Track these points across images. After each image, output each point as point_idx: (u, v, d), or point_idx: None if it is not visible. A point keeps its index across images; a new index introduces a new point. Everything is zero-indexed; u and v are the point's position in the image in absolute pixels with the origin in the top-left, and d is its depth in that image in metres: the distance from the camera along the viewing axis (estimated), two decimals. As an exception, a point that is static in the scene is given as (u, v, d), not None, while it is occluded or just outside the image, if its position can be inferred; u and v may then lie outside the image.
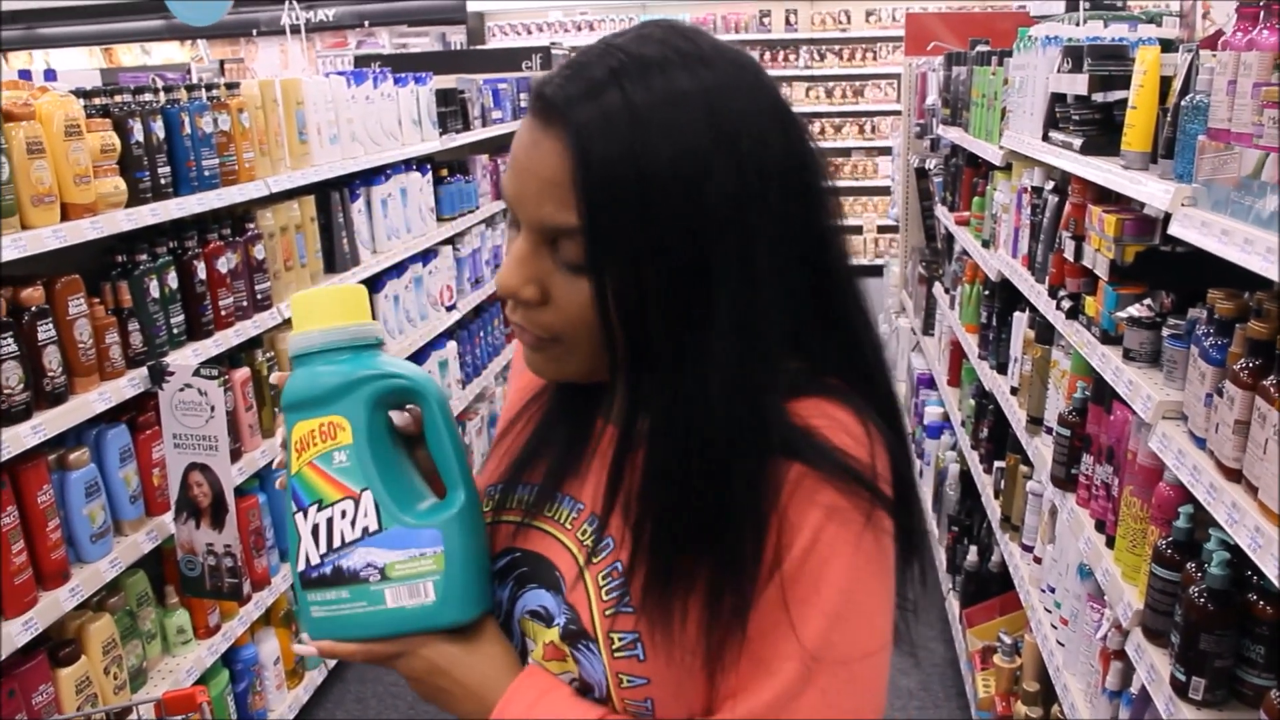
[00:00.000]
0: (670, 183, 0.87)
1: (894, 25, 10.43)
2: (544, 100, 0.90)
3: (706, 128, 0.88)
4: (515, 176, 0.94)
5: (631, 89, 0.88)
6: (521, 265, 0.94)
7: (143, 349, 2.68)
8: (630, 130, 0.87)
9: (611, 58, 0.90)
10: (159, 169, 2.75)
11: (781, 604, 0.91)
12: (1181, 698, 1.84)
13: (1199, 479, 1.78)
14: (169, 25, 11.59)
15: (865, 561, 0.93)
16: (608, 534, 1.01)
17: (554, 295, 0.95)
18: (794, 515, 0.92)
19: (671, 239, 0.88)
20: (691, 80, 0.89)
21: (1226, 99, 1.76)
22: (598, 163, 0.87)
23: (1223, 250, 1.69)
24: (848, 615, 0.92)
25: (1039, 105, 3.07)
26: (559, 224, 0.90)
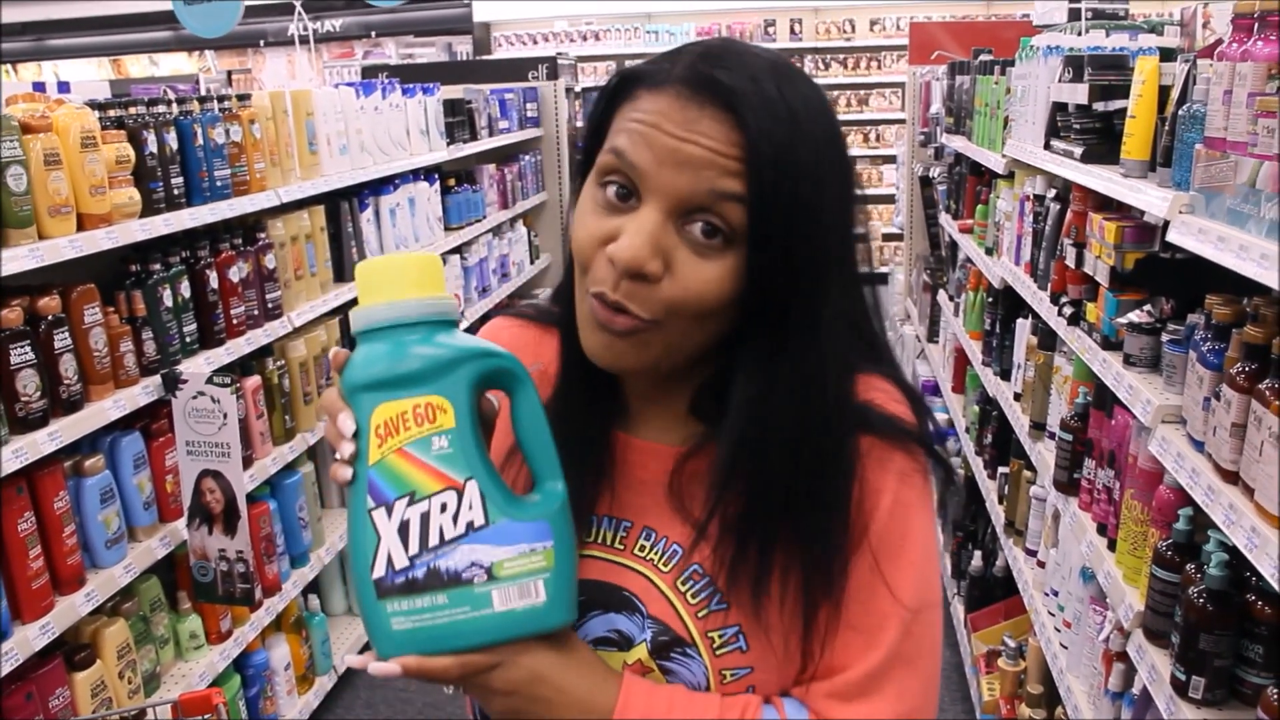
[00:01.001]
0: (811, 167, 0.94)
1: (898, 34, 10.47)
2: (705, 80, 0.94)
3: (829, 129, 0.98)
4: (667, 144, 0.93)
5: (780, 84, 0.94)
6: (651, 238, 0.94)
7: (156, 357, 2.72)
8: (788, 117, 0.93)
9: (751, 57, 0.96)
10: (172, 179, 2.79)
11: (872, 567, 1.00)
12: (1182, 697, 1.86)
13: (1197, 481, 1.81)
14: (177, 36, 11.67)
15: (930, 515, 1.05)
16: (672, 542, 1.05)
17: (675, 271, 0.95)
18: (873, 482, 1.01)
19: (815, 218, 0.95)
20: (812, 90, 0.98)
21: (1223, 108, 1.80)
22: (765, 140, 0.92)
23: (1219, 257, 1.72)
24: (927, 565, 1.04)
25: (1041, 114, 3.10)
26: (722, 189, 0.92)
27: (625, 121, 0.97)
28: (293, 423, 3.40)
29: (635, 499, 1.08)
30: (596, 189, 0.98)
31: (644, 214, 0.94)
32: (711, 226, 0.94)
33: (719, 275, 0.94)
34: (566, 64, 7.13)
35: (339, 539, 3.72)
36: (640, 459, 1.09)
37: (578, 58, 9.26)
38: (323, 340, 3.61)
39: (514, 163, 5.94)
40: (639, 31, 11.03)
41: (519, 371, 0.95)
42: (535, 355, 1.12)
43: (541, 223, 6.55)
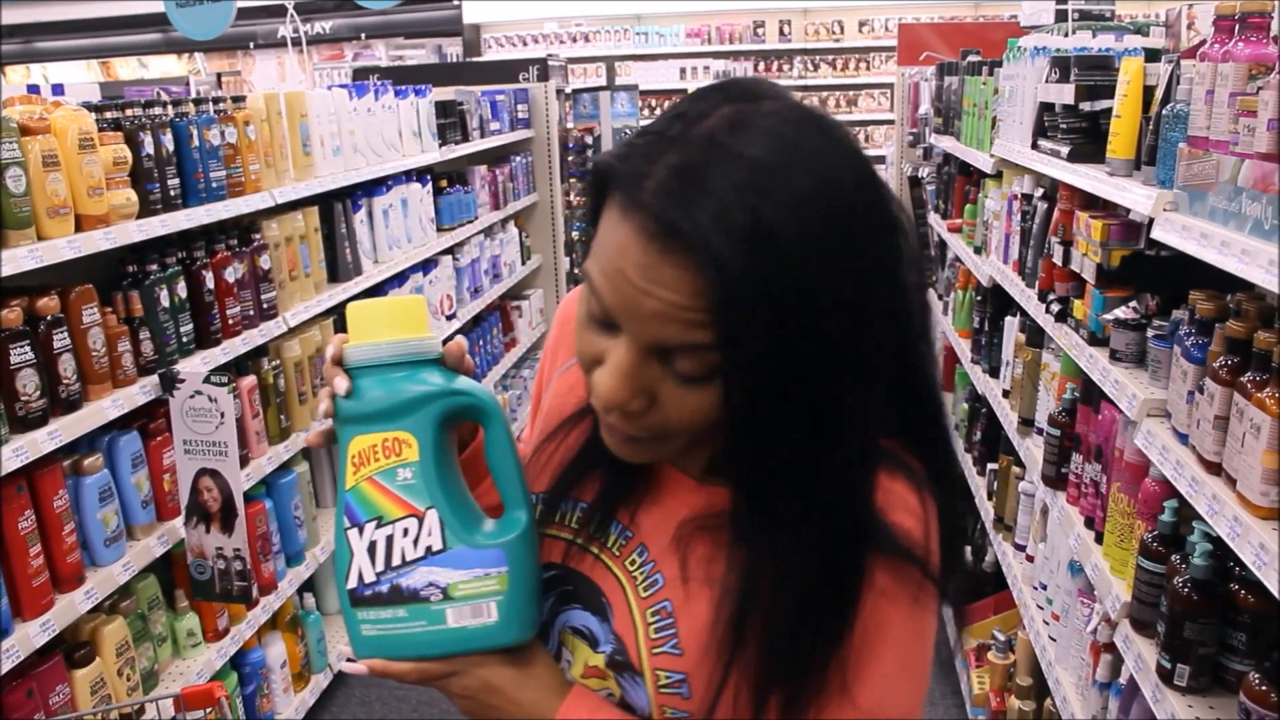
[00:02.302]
0: (799, 297, 0.85)
1: (887, 35, 10.52)
2: (665, 224, 0.84)
3: (826, 233, 0.85)
4: (628, 293, 0.87)
5: (757, 203, 0.83)
6: (629, 380, 0.90)
7: (154, 357, 2.74)
8: (761, 249, 0.83)
9: (729, 168, 0.84)
10: (169, 181, 2.81)
11: (838, 680, 0.97)
12: (1167, 685, 1.90)
13: (1181, 473, 1.85)
14: (166, 39, 11.66)
15: (912, 636, 1.00)
16: (659, 570, 1.05)
17: (662, 401, 0.92)
18: (876, 619, 0.97)
19: (803, 348, 0.86)
20: (807, 177, 0.85)
21: (1205, 108, 1.83)
22: (733, 286, 0.83)
23: (1202, 253, 1.76)
24: (898, 679, 0.99)
25: (1028, 114, 3.14)
26: (686, 342, 0.87)
27: (599, 243, 0.91)
28: (288, 422, 3.42)
29: (646, 514, 1.08)
30: (588, 294, 0.93)
31: (621, 351, 0.90)
32: (690, 363, 0.89)
33: (705, 402, 0.91)
34: (557, 65, 7.16)
35: (334, 538, 3.74)
36: (665, 480, 1.09)
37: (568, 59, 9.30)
38: (317, 340, 3.63)
39: (505, 164, 5.96)
40: (629, 33, 11.06)
41: (488, 407, 1.01)
42: None
43: (533, 223, 6.57)
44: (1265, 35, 1.76)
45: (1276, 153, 1.56)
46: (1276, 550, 1.51)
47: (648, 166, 0.87)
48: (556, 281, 6.74)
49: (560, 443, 1.13)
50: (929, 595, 1.00)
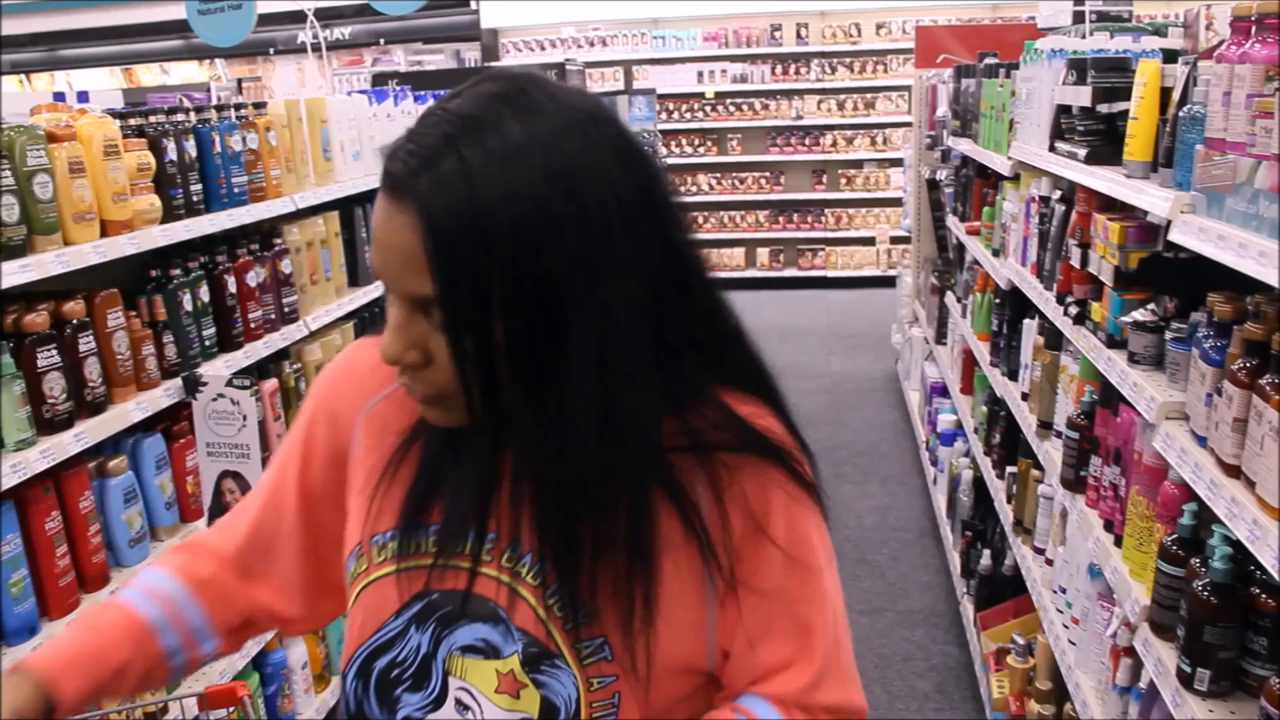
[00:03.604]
0: (513, 238, 0.93)
1: (904, 38, 10.50)
2: (390, 177, 0.95)
3: (543, 176, 0.93)
4: (378, 252, 0.98)
5: (466, 152, 0.93)
6: (400, 333, 0.99)
7: (177, 360, 2.77)
8: (469, 194, 0.92)
9: (444, 123, 0.95)
10: (192, 186, 2.84)
11: (788, 575, 1.08)
12: (1187, 689, 1.90)
13: (1200, 476, 1.85)
14: (188, 45, 11.73)
15: (819, 518, 1.11)
16: (538, 560, 1.06)
17: (435, 355, 1.00)
18: (761, 501, 1.07)
19: (522, 291, 0.95)
20: (524, 131, 0.94)
21: (1222, 109, 1.83)
22: (443, 232, 0.92)
23: (1219, 255, 1.76)
24: (830, 565, 1.12)
25: (1045, 116, 3.14)
26: (421, 294, 0.96)
27: None
28: (309, 425, 3.44)
29: (501, 513, 1.09)
30: None
31: (392, 311, 1.00)
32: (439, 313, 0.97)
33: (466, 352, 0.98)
34: (575, 70, 7.18)
35: (354, 540, 3.76)
36: (503, 470, 1.10)
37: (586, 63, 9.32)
38: (338, 344, 3.65)
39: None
40: (646, 37, 11.07)
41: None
42: (392, 372, 1.12)
43: (551, 228, 6.59)
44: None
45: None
46: (1295, 552, 1.51)
47: (398, 142, 0.98)
48: (575, 285, 6.74)
49: (393, 479, 1.15)
50: (807, 488, 1.10)
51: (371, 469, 1.17)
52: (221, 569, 1.26)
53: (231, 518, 1.30)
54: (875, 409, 7.04)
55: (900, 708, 3.76)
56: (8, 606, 2.21)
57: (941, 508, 4.95)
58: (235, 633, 1.27)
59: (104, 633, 1.18)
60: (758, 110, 11.07)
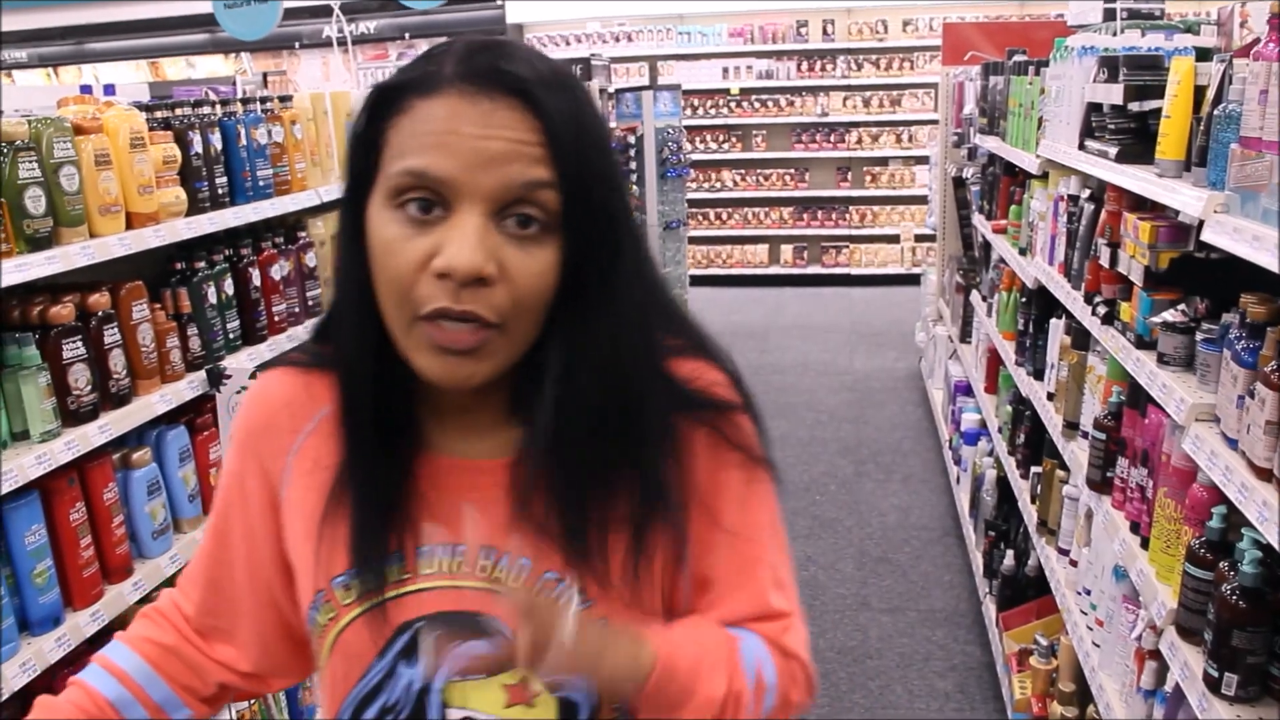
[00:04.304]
0: (597, 142, 0.99)
1: (931, 35, 10.44)
2: (488, 76, 0.95)
3: (594, 105, 1.02)
4: (469, 146, 0.93)
5: (542, 62, 0.98)
6: (480, 242, 0.93)
7: (201, 353, 2.78)
8: (566, 94, 0.97)
9: (506, 43, 1.00)
10: (217, 179, 2.84)
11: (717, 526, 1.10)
12: (1214, 694, 1.87)
13: (1231, 479, 1.82)
14: (213, 39, 11.79)
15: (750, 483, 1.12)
16: (519, 556, 1.03)
17: (507, 270, 0.95)
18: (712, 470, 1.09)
19: (609, 186, 1.00)
20: (567, 67, 1.03)
21: (1258, 108, 1.80)
22: (561, 120, 0.95)
23: (1254, 256, 1.73)
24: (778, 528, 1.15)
25: (1075, 114, 3.11)
26: (532, 179, 0.94)
27: (408, 137, 0.95)
28: (331, 419, 3.45)
29: (460, 525, 1.05)
30: (391, 211, 0.96)
31: (464, 220, 0.93)
32: (526, 217, 0.95)
33: (544, 263, 0.96)
34: (601, 65, 7.17)
35: None
36: (464, 479, 1.07)
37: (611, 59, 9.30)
38: (361, 338, 3.66)
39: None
40: (671, 32, 11.06)
41: None
42: (310, 402, 1.11)
43: (575, 223, 6.58)
44: (1320, 35, 1.73)
45: (1331, 154, 1.53)
46: (1328, 558, 1.49)
47: (433, 67, 0.97)
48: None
49: (337, 516, 1.08)
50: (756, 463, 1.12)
51: (309, 512, 1.10)
52: (182, 635, 1.21)
53: (188, 572, 1.25)
54: (898, 407, 7.01)
55: (921, 707, 3.74)
56: (32, 597, 2.22)
57: (964, 507, 4.92)
58: (211, 700, 1.20)
59: (62, 714, 1.13)
60: (783, 107, 11.03)
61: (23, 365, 2.20)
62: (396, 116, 0.96)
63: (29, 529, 2.21)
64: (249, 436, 1.17)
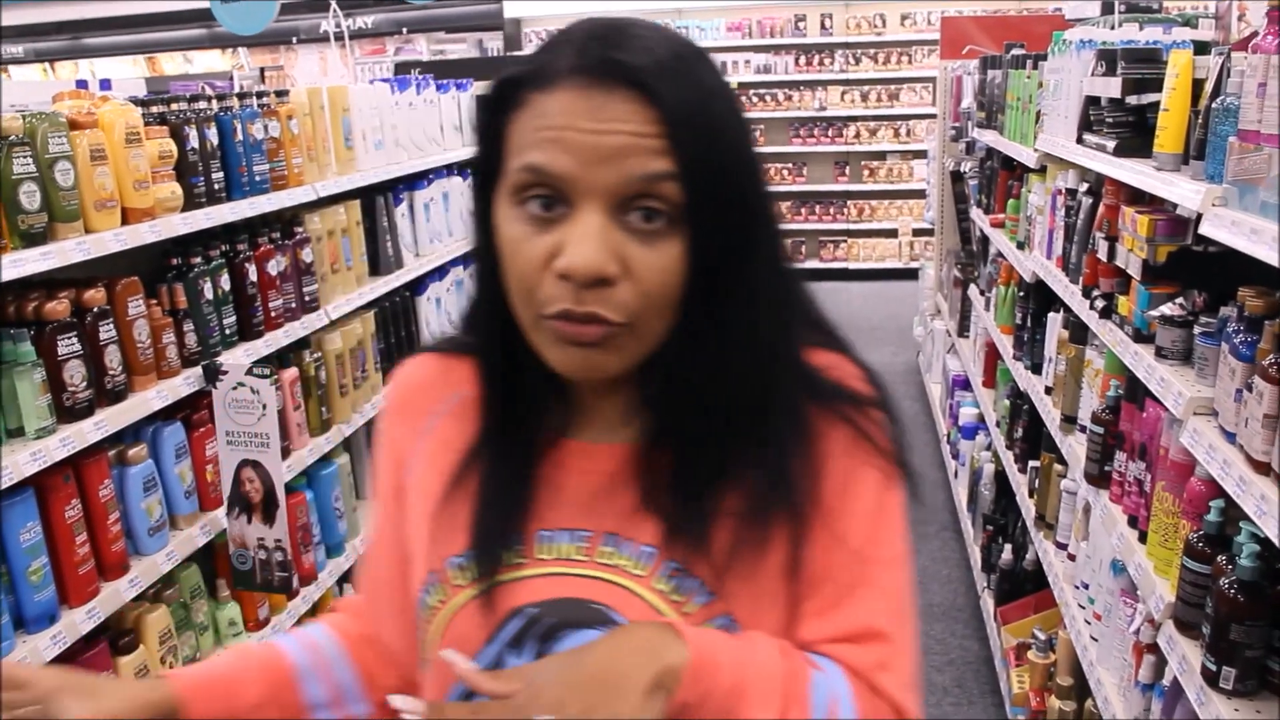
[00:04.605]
0: (726, 128, 0.95)
1: (929, 29, 10.43)
2: (604, 67, 0.91)
3: (726, 87, 0.97)
4: (585, 142, 0.91)
5: (666, 45, 0.93)
6: (600, 240, 0.90)
7: (197, 349, 2.77)
8: (690, 79, 0.93)
9: (631, 26, 0.95)
10: (213, 174, 2.83)
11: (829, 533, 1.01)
12: (1212, 687, 1.87)
13: (1229, 473, 1.82)
14: (211, 34, 11.79)
15: (877, 473, 1.05)
16: (642, 544, 1.01)
17: (631, 268, 0.92)
18: (848, 470, 1.03)
19: (738, 176, 0.95)
20: (692, 45, 0.97)
21: (1256, 101, 1.80)
22: (681, 108, 0.91)
23: (1252, 249, 1.73)
24: (880, 518, 1.05)
25: (1073, 108, 3.10)
26: (651, 172, 0.90)
27: (528, 132, 0.93)
28: (329, 414, 3.45)
29: (592, 506, 1.03)
30: (514, 209, 0.94)
31: (584, 218, 0.91)
32: (650, 211, 0.91)
33: (672, 259, 0.93)
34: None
35: (373, 530, 3.77)
36: (592, 464, 1.05)
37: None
38: (358, 333, 3.65)
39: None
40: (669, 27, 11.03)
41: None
42: (447, 386, 1.11)
43: (572, 218, 6.58)
44: (1319, 27, 1.72)
45: (1329, 147, 1.53)
46: (1326, 551, 1.49)
47: (553, 57, 0.94)
48: (595, 276, 6.74)
49: (458, 496, 1.07)
50: (893, 468, 1.06)
51: (432, 492, 1.10)
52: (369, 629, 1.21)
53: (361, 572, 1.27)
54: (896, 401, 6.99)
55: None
56: (28, 594, 2.21)
57: (962, 501, 4.92)
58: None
59: (245, 668, 1.14)
60: (781, 101, 11.02)
61: (18, 361, 2.20)
62: (516, 111, 0.95)
63: (24, 526, 2.20)
64: (387, 421, 1.20)
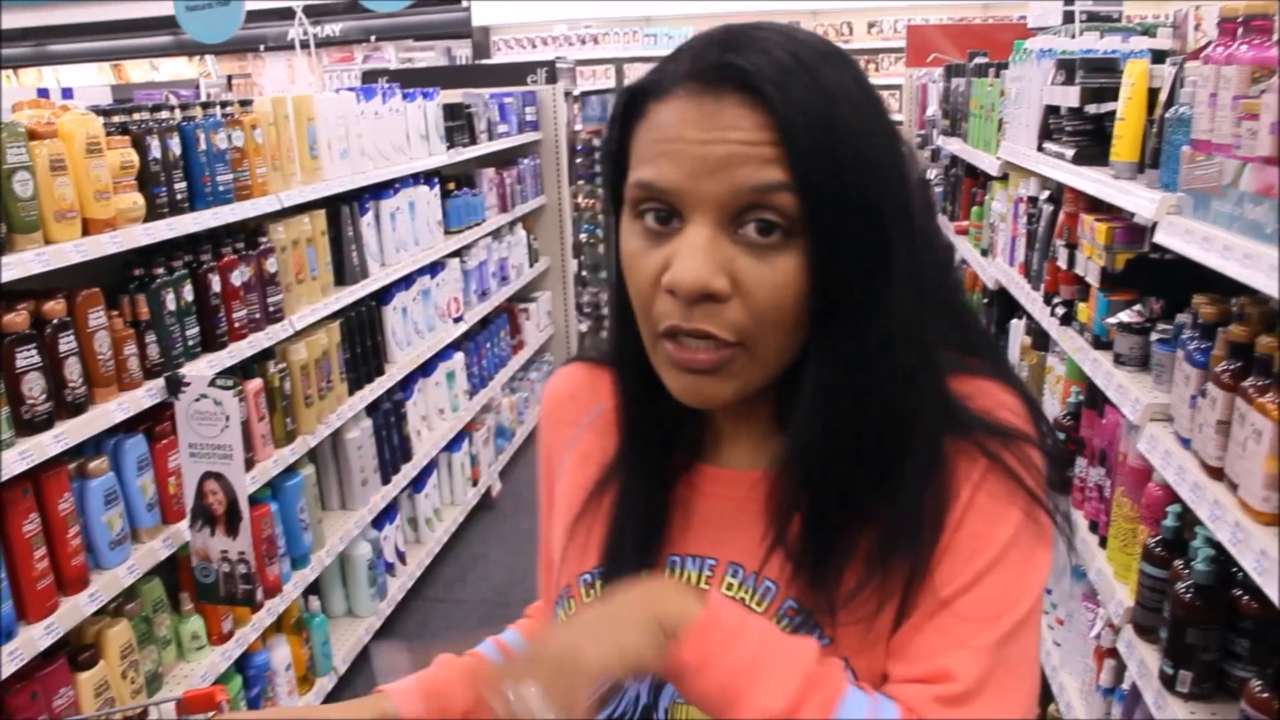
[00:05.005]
0: (852, 134, 0.87)
1: (896, 37, 10.50)
2: (716, 72, 0.87)
3: (860, 89, 0.90)
4: (694, 153, 0.87)
5: (795, 50, 0.87)
6: (708, 254, 0.86)
7: (159, 360, 2.75)
8: (813, 84, 0.86)
9: (752, 30, 0.90)
10: (175, 184, 2.82)
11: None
12: (1170, 691, 1.90)
13: (1184, 478, 1.84)
14: (177, 41, 11.71)
15: (1012, 521, 0.93)
16: (764, 578, 0.97)
17: (742, 283, 0.87)
18: (987, 507, 0.92)
19: (867, 188, 0.87)
20: (829, 48, 0.91)
21: (1208, 111, 1.83)
22: (796, 113, 0.85)
23: (1204, 257, 1.75)
24: (1004, 573, 0.93)
25: (1034, 116, 3.13)
26: (762, 182, 0.85)
27: (644, 145, 0.90)
28: (294, 425, 3.43)
29: (720, 534, 1.01)
30: (633, 222, 0.92)
31: (691, 232, 0.87)
32: (766, 223, 0.86)
33: (787, 274, 0.87)
34: (565, 67, 7.16)
35: (339, 540, 3.75)
36: (724, 489, 1.02)
37: (577, 61, 9.30)
38: (323, 344, 3.63)
39: (513, 166, 5.97)
40: (638, 35, 11.06)
41: None
42: (593, 396, 1.11)
43: (541, 226, 6.58)
44: (1268, 38, 1.75)
45: (1278, 156, 1.55)
46: (1277, 556, 1.51)
47: (673, 65, 0.90)
48: (564, 284, 6.74)
49: (596, 512, 1.06)
50: (1042, 515, 0.94)
51: (571, 506, 1.09)
52: None
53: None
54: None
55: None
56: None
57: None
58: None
59: (453, 676, 1.17)
60: (749, 108, 11.05)
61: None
62: (637, 122, 0.92)
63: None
64: (541, 430, 1.21)
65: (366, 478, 4.00)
